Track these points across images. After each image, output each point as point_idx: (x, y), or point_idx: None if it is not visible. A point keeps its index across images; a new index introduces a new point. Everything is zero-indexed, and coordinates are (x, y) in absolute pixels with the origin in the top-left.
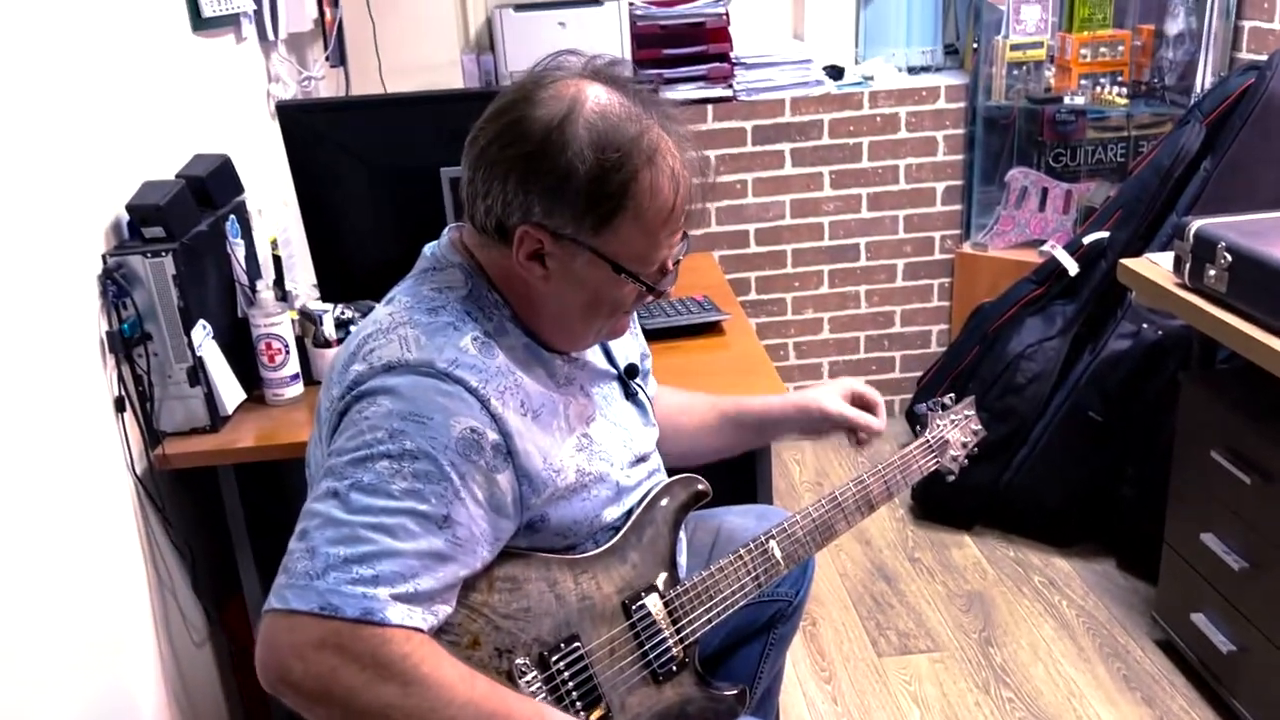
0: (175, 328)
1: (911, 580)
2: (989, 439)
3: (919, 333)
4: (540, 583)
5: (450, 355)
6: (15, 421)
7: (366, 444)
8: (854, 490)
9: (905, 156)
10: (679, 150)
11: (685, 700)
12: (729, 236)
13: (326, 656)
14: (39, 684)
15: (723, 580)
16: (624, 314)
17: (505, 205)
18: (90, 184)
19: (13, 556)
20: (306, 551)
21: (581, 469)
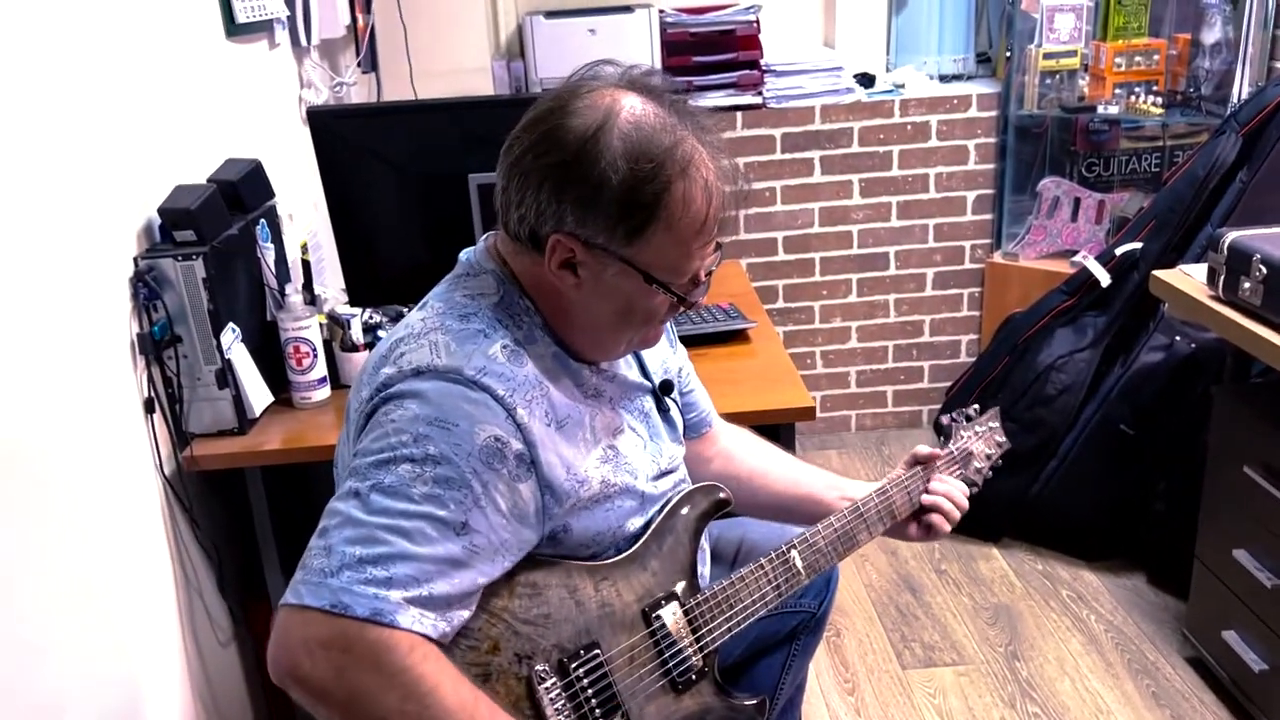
0: (205, 330)
1: (937, 592)
2: (1017, 450)
3: (948, 342)
4: (560, 589)
5: (479, 363)
6: (48, 421)
7: (390, 446)
8: (877, 501)
9: (936, 165)
10: (712, 160)
11: (704, 710)
12: (757, 244)
13: (334, 655)
14: (66, 680)
15: (743, 590)
16: (657, 324)
17: (539, 214)
18: (123, 187)
19: (43, 554)
20: (324, 549)
21: (606, 480)
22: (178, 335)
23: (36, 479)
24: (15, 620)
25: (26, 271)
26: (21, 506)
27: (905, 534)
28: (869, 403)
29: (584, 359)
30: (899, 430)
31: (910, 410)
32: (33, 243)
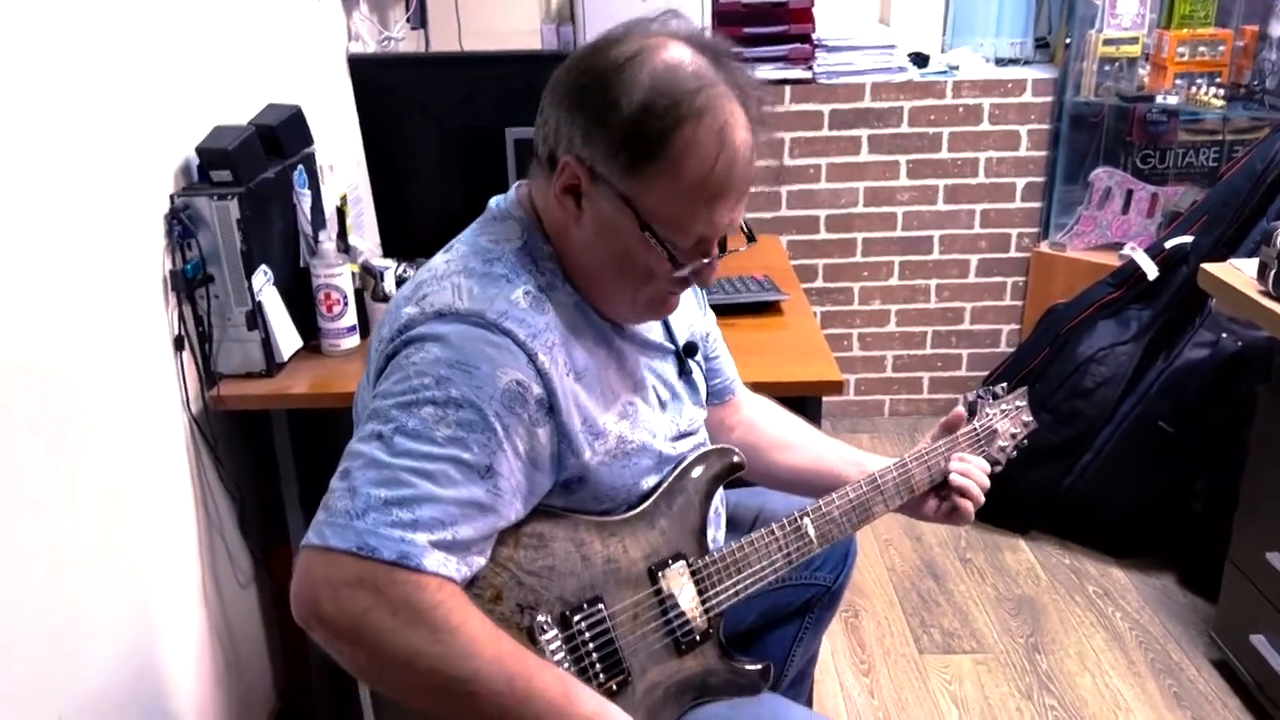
0: (237, 271)
1: (960, 580)
2: (1051, 442)
3: (988, 331)
4: (567, 542)
5: (501, 307)
6: (79, 351)
7: (413, 389)
8: (895, 473)
9: (986, 149)
10: (746, 126)
11: (707, 672)
12: (799, 221)
13: (361, 596)
14: (84, 617)
15: (752, 554)
16: (666, 292)
17: (556, 133)
18: (163, 125)
19: (69, 482)
20: (348, 491)
21: (623, 436)
22: (210, 275)
23: (66, 408)
24: (40, 545)
25: (65, 202)
26: (50, 435)
27: (923, 510)
28: (904, 388)
29: (601, 314)
30: (933, 418)
31: (946, 398)
32: (72, 175)
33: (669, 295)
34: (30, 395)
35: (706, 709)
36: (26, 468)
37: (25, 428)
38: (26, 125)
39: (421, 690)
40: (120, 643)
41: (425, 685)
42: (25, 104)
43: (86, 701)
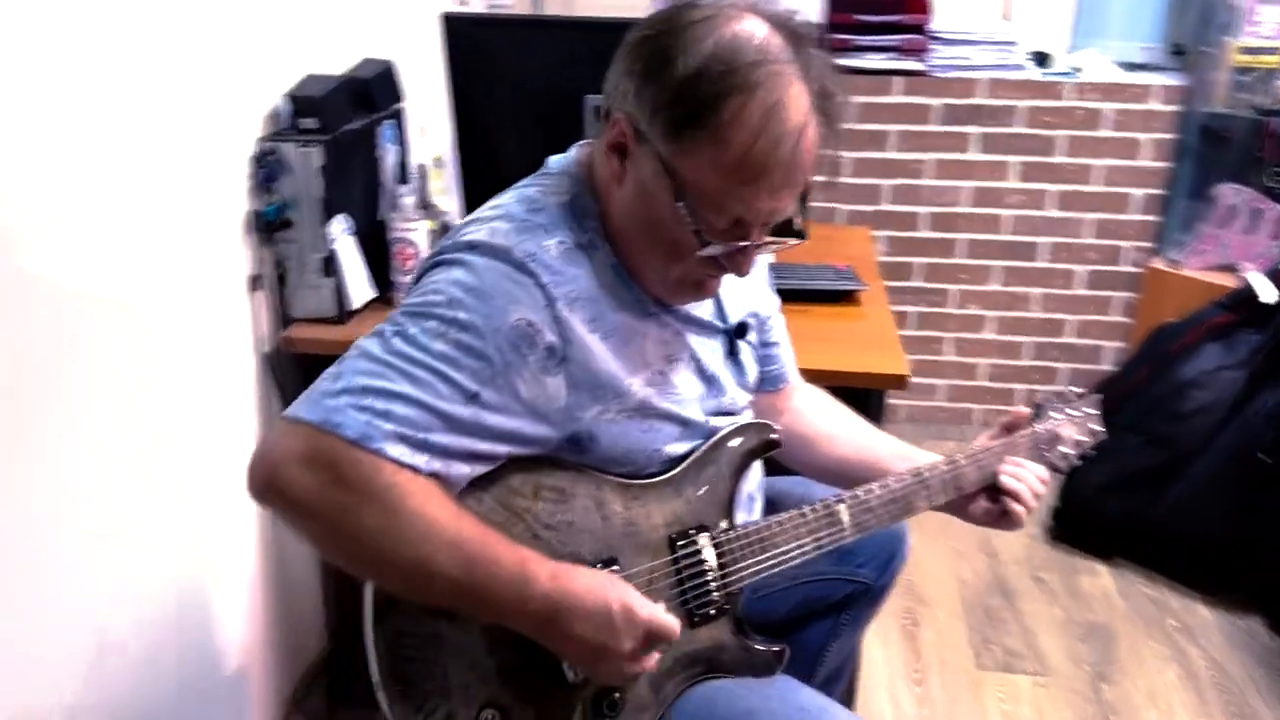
0: (315, 217)
1: (1031, 600)
2: (1142, 466)
3: (1091, 347)
4: (588, 500)
5: (530, 249)
6: (156, 283)
7: (426, 303)
8: (944, 469)
9: (1104, 157)
10: (805, 111)
11: (718, 646)
12: (898, 217)
13: (318, 471)
14: (134, 535)
15: (780, 534)
16: (700, 274)
17: (615, 87)
18: (258, 70)
19: (134, 410)
20: (334, 375)
21: (647, 401)
22: (290, 219)
23: (141, 337)
24: (97, 461)
25: (159, 138)
26: (123, 361)
27: (969, 510)
28: (996, 398)
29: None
30: None
31: None
32: (168, 113)
33: (704, 278)
34: (106, 318)
35: (714, 683)
36: (94, 388)
37: (99, 347)
38: (132, 60)
39: (377, 569)
40: (171, 567)
41: (380, 564)
42: (134, 40)
43: (132, 619)
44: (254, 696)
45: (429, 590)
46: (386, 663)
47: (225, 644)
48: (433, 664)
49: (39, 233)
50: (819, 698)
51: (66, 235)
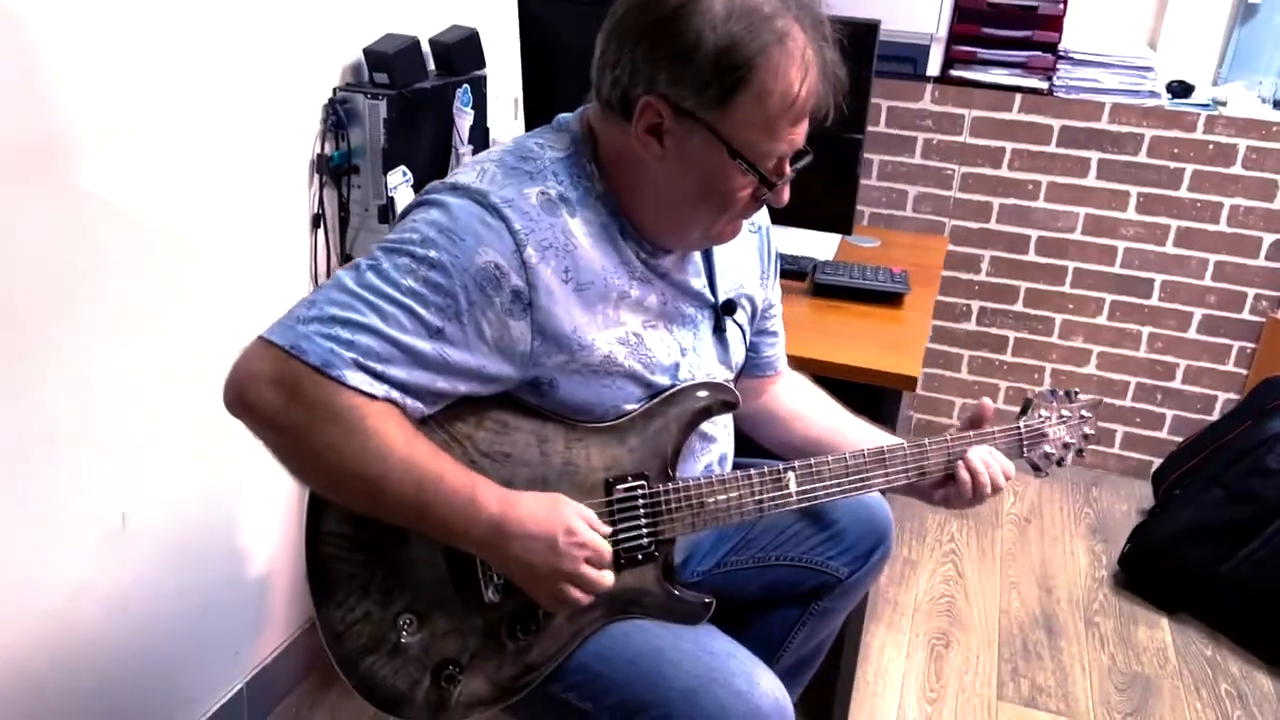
0: (376, 166)
1: (1076, 640)
2: (1217, 519)
3: (1201, 396)
4: (530, 435)
5: (507, 195)
6: (225, 216)
7: (402, 240)
8: (908, 451)
9: (1234, 195)
10: (815, 47)
11: (641, 591)
12: (1007, 237)
13: (281, 392)
14: (180, 447)
15: (719, 490)
16: (740, 216)
17: (633, 74)
18: (344, 25)
19: (186, 339)
20: (308, 302)
21: (612, 357)
22: (355, 166)
23: (204, 265)
24: (149, 369)
25: (242, 77)
26: (184, 283)
27: (930, 495)
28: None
29: (651, 239)
30: (1119, 476)
31: (1137, 458)
32: (255, 55)
33: (743, 219)
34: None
35: (633, 621)
36: (144, 297)
37: (157, 259)
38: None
39: (334, 484)
40: (204, 467)
41: (337, 479)
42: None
43: (156, 509)
44: (275, 607)
45: (381, 507)
46: (314, 558)
47: (250, 549)
48: (357, 565)
49: (107, 149)
50: (732, 644)
51: (141, 157)
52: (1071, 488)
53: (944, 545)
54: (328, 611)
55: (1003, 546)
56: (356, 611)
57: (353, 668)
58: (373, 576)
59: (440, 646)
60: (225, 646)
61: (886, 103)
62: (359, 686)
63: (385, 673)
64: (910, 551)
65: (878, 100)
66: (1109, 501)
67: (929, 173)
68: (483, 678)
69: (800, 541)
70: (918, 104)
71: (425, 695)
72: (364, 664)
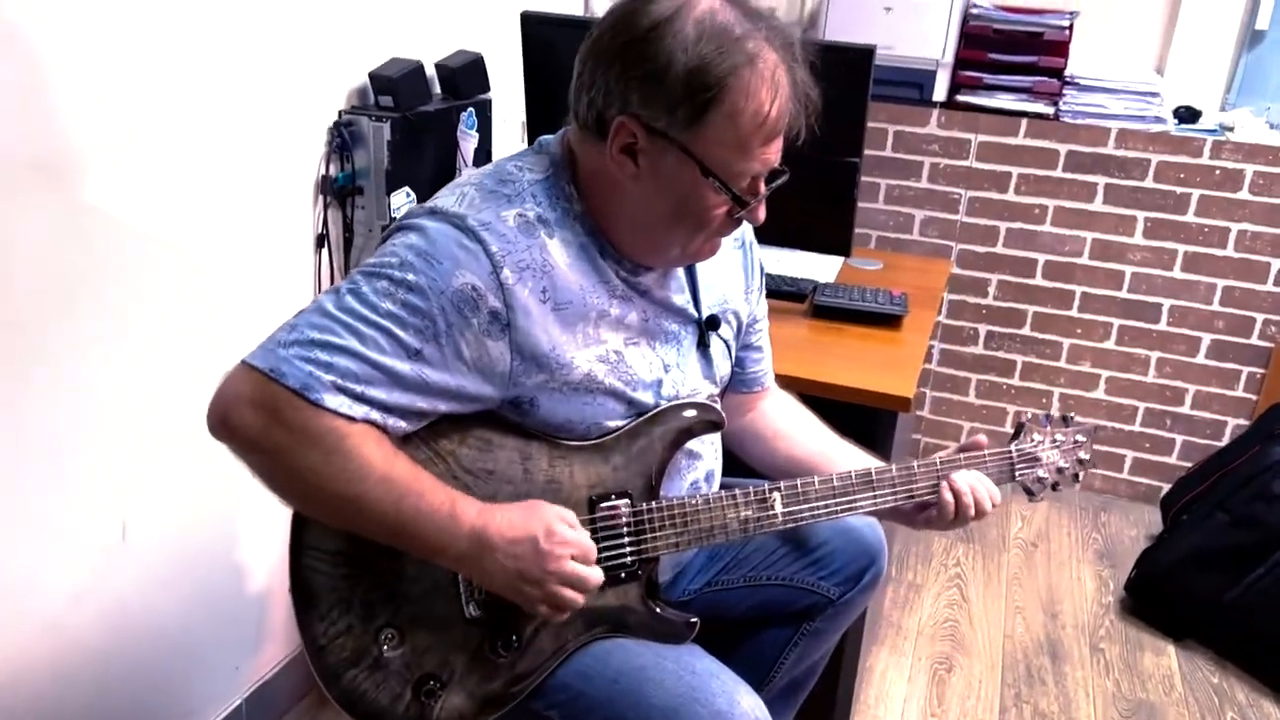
0: (380, 188)
1: (1081, 666)
2: (1221, 546)
3: (1211, 421)
4: (513, 452)
5: (485, 218)
6: (230, 233)
7: (381, 264)
8: (895, 474)
9: (1241, 220)
10: (785, 66)
11: (624, 609)
12: (1013, 261)
13: (261, 415)
14: (181, 461)
15: (704, 511)
16: (717, 235)
17: (606, 95)
18: (351, 50)
19: (188, 353)
20: (289, 326)
21: (593, 375)
22: (360, 187)
23: (209, 282)
24: (153, 381)
25: (250, 99)
26: (188, 301)
27: (913, 518)
28: (1103, 463)
29: (630, 258)
30: (1128, 501)
31: (1147, 484)
32: (264, 77)
33: (720, 237)
34: (182, 256)
35: (616, 640)
36: (151, 308)
37: (164, 275)
38: (241, 27)
39: (316, 504)
40: (207, 479)
41: (318, 500)
42: (247, 16)
43: (156, 519)
44: (277, 623)
45: (363, 526)
46: (297, 571)
47: (251, 564)
48: (340, 579)
49: (116, 168)
50: (715, 664)
51: (149, 175)
52: (1080, 513)
53: (949, 569)
54: (310, 625)
55: (1009, 571)
56: (339, 625)
57: (334, 681)
58: (355, 591)
59: (422, 661)
60: (225, 661)
61: (893, 127)
62: (340, 700)
63: (367, 687)
64: (915, 575)
65: (884, 125)
66: (1118, 527)
67: (936, 197)
68: (464, 694)
69: (792, 561)
70: (924, 129)
71: (406, 710)
72: (346, 678)
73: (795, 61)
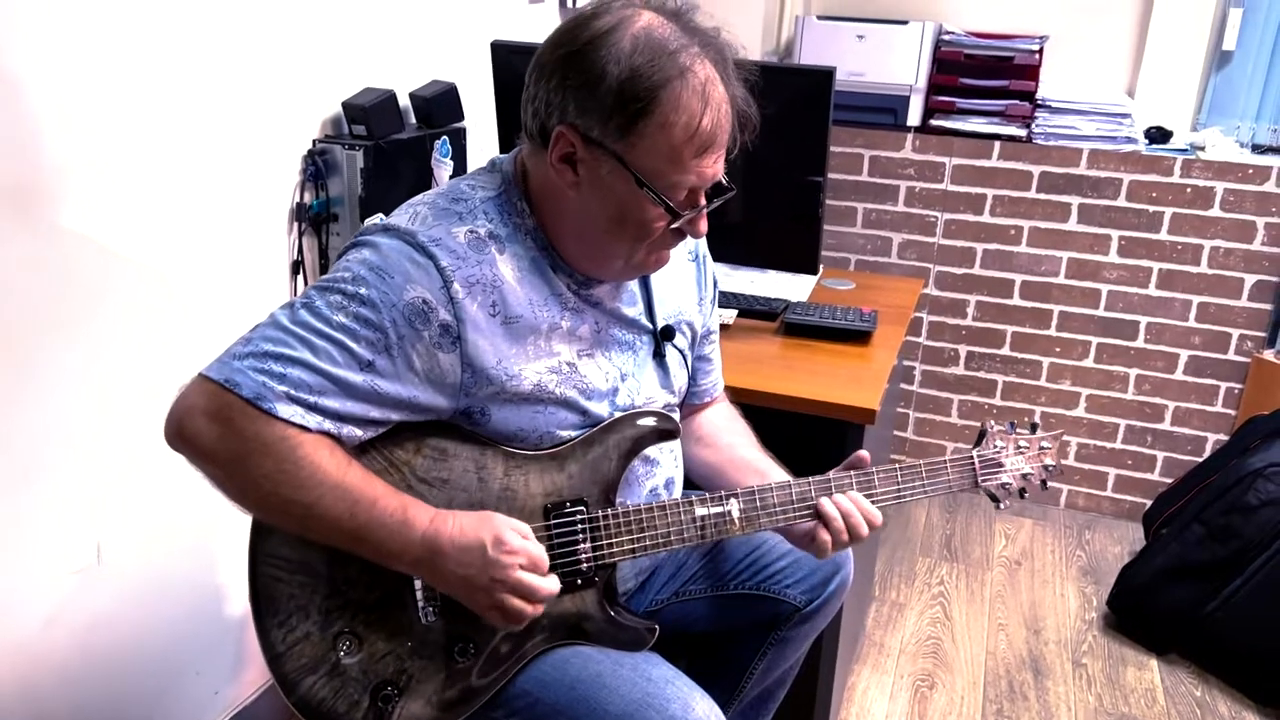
0: (354, 215)
1: (1063, 682)
2: (1199, 559)
3: (1191, 437)
4: (468, 461)
5: (436, 234)
6: (208, 262)
7: (335, 279)
8: (854, 480)
9: (1213, 237)
10: (722, 81)
11: (582, 616)
12: (991, 282)
13: (216, 425)
14: (157, 483)
15: (660, 518)
16: (659, 247)
17: (547, 105)
18: (326, 80)
19: (171, 386)
20: (245, 340)
21: (543, 386)
22: (334, 214)
23: (186, 308)
24: (125, 404)
25: (225, 132)
26: (164, 326)
27: (800, 540)
28: (1086, 480)
29: (579, 271)
30: (1112, 519)
31: (1131, 501)
32: (239, 108)
33: (663, 249)
34: (158, 282)
35: (574, 647)
36: (125, 336)
37: (139, 302)
38: (218, 59)
39: (271, 511)
40: (184, 503)
41: (272, 507)
42: (222, 43)
43: (131, 542)
44: (255, 645)
45: (318, 532)
46: (256, 579)
47: (229, 586)
48: (297, 587)
49: (88, 192)
50: (671, 670)
51: (125, 204)
52: (1064, 530)
53: (933, 588)
54: (269, 631)
55: (992, 589)
56: (297, 632)
57: (293, 688)
58: (313, 598)
59: (378, 668)
60: (204, 685)
61: (869, 152)
62: (299, 706)
63: (325, 694)
64: (898, 594)
65: (860, 150)
66: (1101, 544)
67: (912, 220)
68: (421, 700)
69: (758, 570)
70: (900, 153)
71: (364, 716)
72: (304, 684)
73: (731, 78)
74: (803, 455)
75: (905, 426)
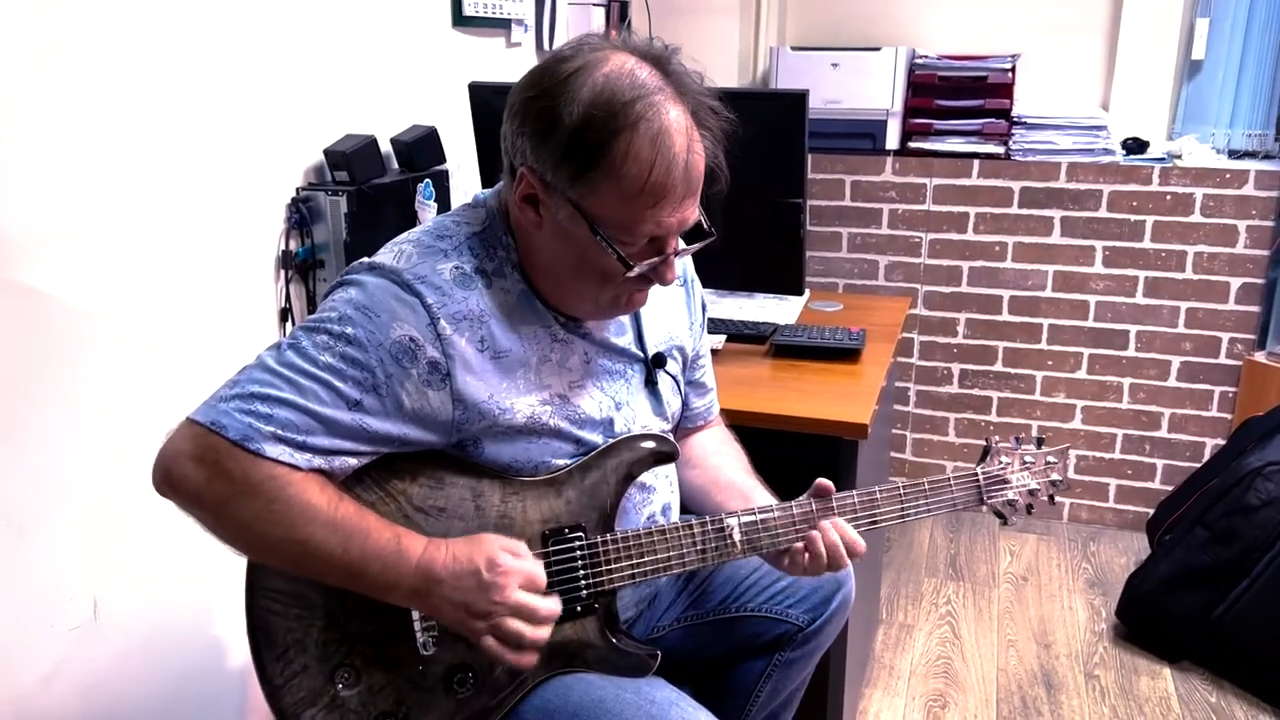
0: (340, 260)
1: (1077, 695)
2: (1204, 562)
3: (1189, 443)
4: (465, 489)
5: (421, 272)
6: (197, 312)
7: (322, 319)
8: (856, 500)
9: (1196, 243)
10: (685, 130)
11: (583, 644)
12: (979, 299)
13: (203, 468)
14: (152, 537)
15: (660, 542)
16: (629, 291)
17: (513, 147)
18: (307, 128)
19: (162, 436)
20: (232, 382)
21: (536, 418)
22: (320, 260)
23: (176, 358)
24: (121, 461)
25: (209, 183)
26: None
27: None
28: (1087, 493)
29: (555, 308)
30: (1115, 530)
31: (1133, 510)
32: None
33: (633, 293)
34: (147, 333)
35: (576, 674)
36: (118, 389)
37: (129, 357)
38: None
39: (264, 552)
40: (180, 558)
41: (265, 547)
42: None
43: (129, 598)
44: (257, 698)
45: (312, 569)
46: (253, 612)
47: (228, 639)
48: (294, 619)
49: (73, 247)
50: (675, 693)
51: (113, 255)
52: (1069, 544)
53: (940, 608)
54: (267, 665)
55: (1000, 606)
56: (295, 665)
57: None
58: (310, 631)
59: (378, 700)
60: None
61: (850, 177)
62: None
63: None
64: (906, 616)
65: (842, 175)
66: (1107, 555)
67: (897, 241)
68: None
69: (759, 592)
70: (880, 176)
71: None
72: (303, 718)
73: (692, 126)
74: (797, 475)
75: (903, 448)
